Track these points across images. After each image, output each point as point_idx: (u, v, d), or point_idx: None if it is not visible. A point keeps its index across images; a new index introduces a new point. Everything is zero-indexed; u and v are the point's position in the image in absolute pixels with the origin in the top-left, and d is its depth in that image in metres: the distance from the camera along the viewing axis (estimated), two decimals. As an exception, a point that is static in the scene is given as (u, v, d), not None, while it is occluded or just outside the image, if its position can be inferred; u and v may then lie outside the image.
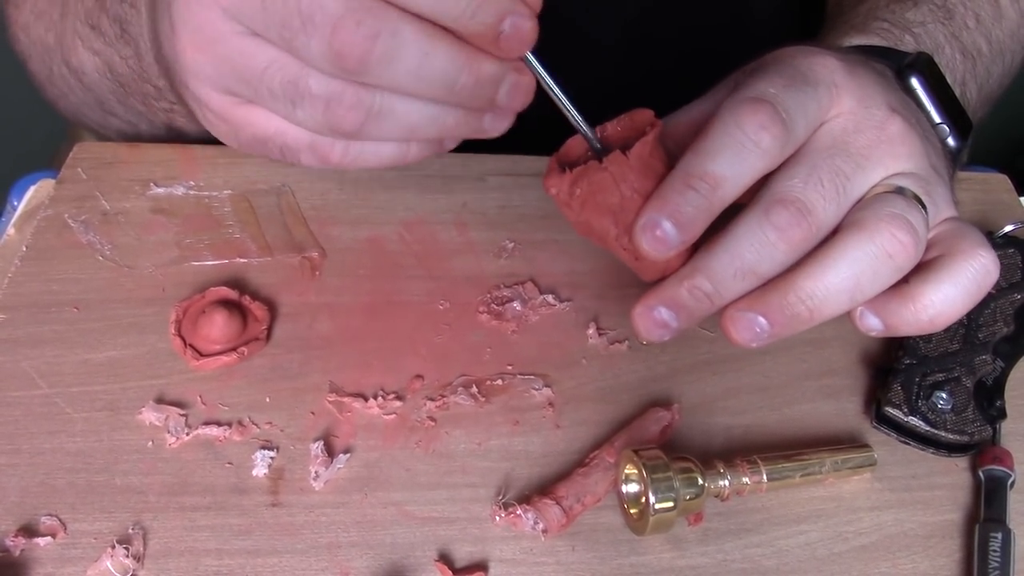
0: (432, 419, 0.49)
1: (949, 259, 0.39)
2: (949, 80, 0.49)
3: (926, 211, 0.40)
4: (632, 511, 0.45)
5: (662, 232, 0.37)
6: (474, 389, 0.51)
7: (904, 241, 0.38)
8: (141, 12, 0.51)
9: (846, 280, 0.38)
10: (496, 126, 0.39)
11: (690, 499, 0.43)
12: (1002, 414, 0.50)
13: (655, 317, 0.39)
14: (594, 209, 0.40)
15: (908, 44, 0.51)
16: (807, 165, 0.39)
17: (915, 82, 0.47)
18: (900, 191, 0.40)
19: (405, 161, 0.40)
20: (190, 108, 0.44)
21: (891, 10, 0.54)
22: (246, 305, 0.53)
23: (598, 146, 0.41)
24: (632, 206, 0.39)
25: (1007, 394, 0.50)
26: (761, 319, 0.38)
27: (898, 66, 0.47)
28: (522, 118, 0.41)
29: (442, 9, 0.34)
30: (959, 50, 0.54)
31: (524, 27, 0.35)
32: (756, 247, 0.38)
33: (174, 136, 0.61)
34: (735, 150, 0.37)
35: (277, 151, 0.40)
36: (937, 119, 0.46)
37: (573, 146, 0.43)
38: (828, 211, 0.38)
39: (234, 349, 0.50)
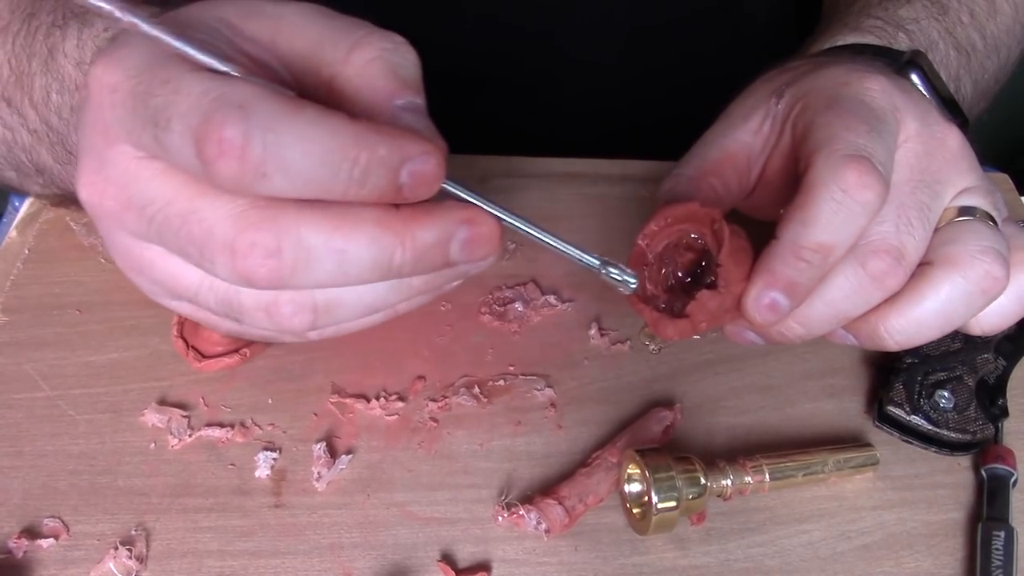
0: (434, 420, 0.49)
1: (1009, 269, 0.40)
2: (943, 76, 0.49)
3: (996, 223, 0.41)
4: (635, 511, 0.45)
5: (774, 303, 0.38)
6: (476, 390, 0.51)
7: (998, 276, 0.38)
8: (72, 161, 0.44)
9: (937, 317, 0.39)
10: (479, 267, 0.35)
11: (692, 499, 0.43)
12: (1004, 413, 0.50)
13: (744, 336, 0.42)
14: (716, 321, 0.40)
15: (902, 42, 0.52)
16: (894, 205, 0.39)
17: (916, 79, 0.47)
18: (972, 212, 0.40)
19: (396, 316, 0.37)
20: None
21: (884, 7, 0.54)
22: (248, 307, 0.53)
23: (597, 264, 0.38)
24: (741, 290, 0.39)
25: (1009, 393, 0.50)
26: (852, 337, 0.41)
27: (897, 64, 0.47)
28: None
29: (325, 189, 0.29)
30: (953, 46, 0.54)
31: (426, 169, 0.30)
32: (852, 297, 0.38)
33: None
34: (843, 216, 0.37)
35: (261, 338, 0.37)
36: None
37: (635, 261, 0.42)
38: (919, 249, 0.39)
39: (236, 351, 0.50)
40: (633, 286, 0.39)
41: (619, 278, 0.38)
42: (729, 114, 0.46)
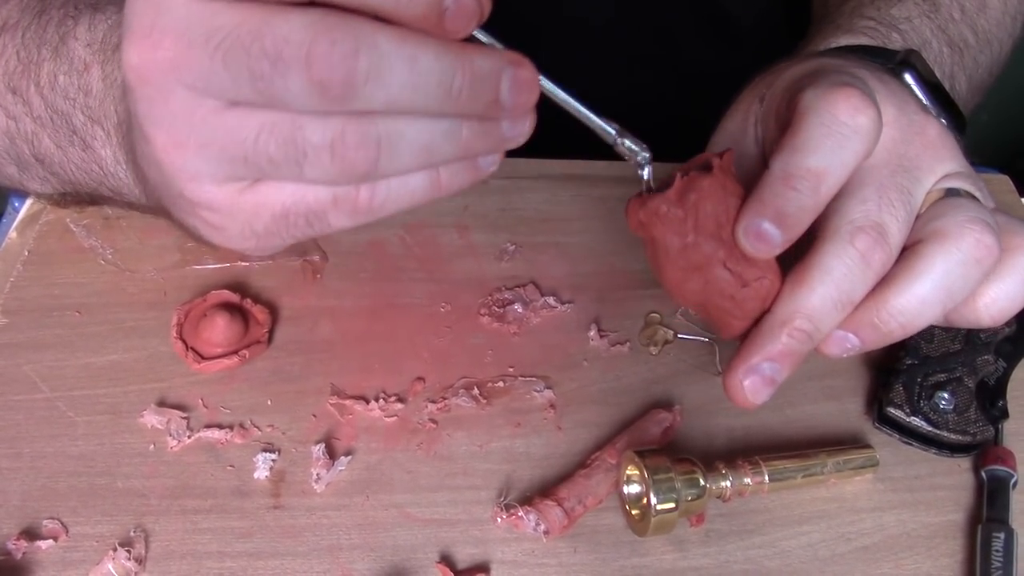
0: (433, 421, 0.49)
1: (1005, 255, 0.39)
2: (938, 74, 0.49)
3: None
4: (634, 512, 0.45)
5: (763, 232, 0.36)
6: (475, 391, 0.51)
7: (989, 244, 0.37)
8: (111, 136, 0.44)
9: (936, 292, 0.38)
10: (517, 131, 0.36)
11: (692, 500, 0.43)
12: (1004, 414, 0.49)
13: (762, 375, 0.38)
14: (702, 227, 0.38)
15: (895, 42, 0.51)
16: (874, 187, 0.38)
17: (909, 78, 0.47)
18: (956, 193, 0.40)
19: (440, 192, 0.36)
20: (190, 229, 0.39)
21: (876, 7, 0.54)
22: (247, 308, 0.53)
23: (613, 133, 0.38)
24: (735, 212, 0.38)
25: (1009, 394, 0.50)
26: (852, 336, 0.39)
27: (891, 64, 0.47)
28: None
29: None
30: (946, 43, 0.54)
31: (467, 2, 0.32)
32: (848, 276, 0.37)
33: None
34: (834, 140, 0.36)
35: (303, 222, 0.36)
36: (934, 113, 0.46)
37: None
38: (901, 230, 0.38)
39: (235, 352, 0.50)
40: (647, 156, 0.38)
41: (635, 148, 0.38)
42: (725, 129, 0.46)
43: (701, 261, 0.38)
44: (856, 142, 0.36)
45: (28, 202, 0.59)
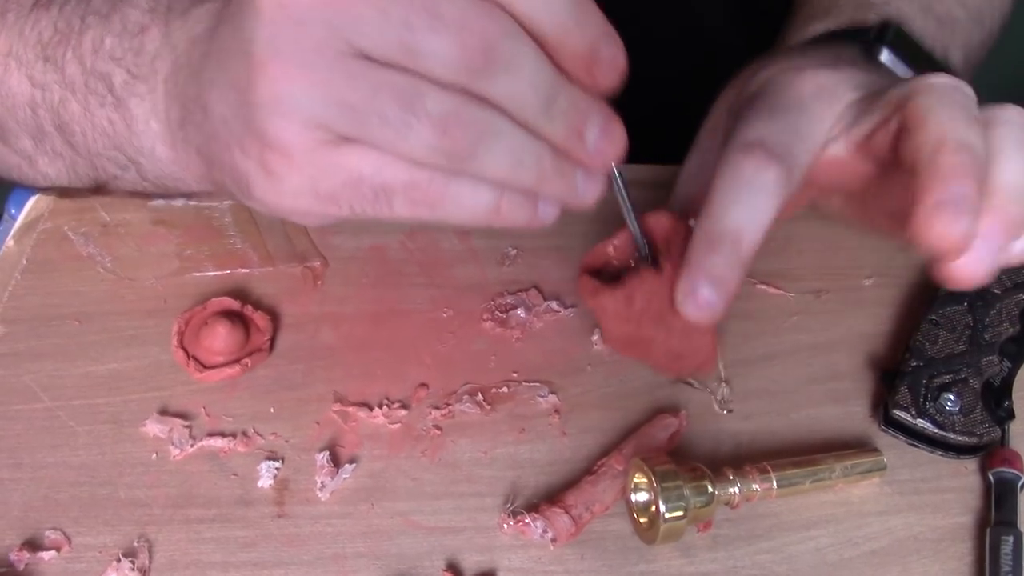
0: (437, 428, 0.49)
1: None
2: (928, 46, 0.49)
3: None
4: (641, 520, 0.45)
5: (702, 297, 0.38)
6: (479, 397, 0.50)
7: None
8: (154, 91, 0.44)
9: None
10: (586, 188, 0.38)
11: (700, 507, 0.43)
12: (1011, 415, 0.49)
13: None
14: (650, 318, 0.40)
15: (872, 22, 0.51)
16: (951, 106, 0.37)
17: (886, 57, 0.46)
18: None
19: (497, 218, 0.37)
20: (233, 178, 0.38)
21: None
22: (248, 316, 0.52)
23: (645, 252, 0.41)
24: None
25: (1015, 395, 0.50)
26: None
27: (867, 40, 0.47)
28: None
29: (551, 14, 0.33)
30: (933, 19, 0.54)
31: (618, 57, 0.35)
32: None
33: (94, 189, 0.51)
34: (743, 199, 0.38)
35: (370, 196, 0.36)
36: None
37: (596, 254, 0.43)
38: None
39: (237, 360, 0.50)
40: (645, 254, 0.42)
41: (640, 241, 0.42)
42: (699, 144, 0.46)
43: (640, 343, 0.41)
44: (764, 197, 0.38)
45: (25, 209, 0.59)
